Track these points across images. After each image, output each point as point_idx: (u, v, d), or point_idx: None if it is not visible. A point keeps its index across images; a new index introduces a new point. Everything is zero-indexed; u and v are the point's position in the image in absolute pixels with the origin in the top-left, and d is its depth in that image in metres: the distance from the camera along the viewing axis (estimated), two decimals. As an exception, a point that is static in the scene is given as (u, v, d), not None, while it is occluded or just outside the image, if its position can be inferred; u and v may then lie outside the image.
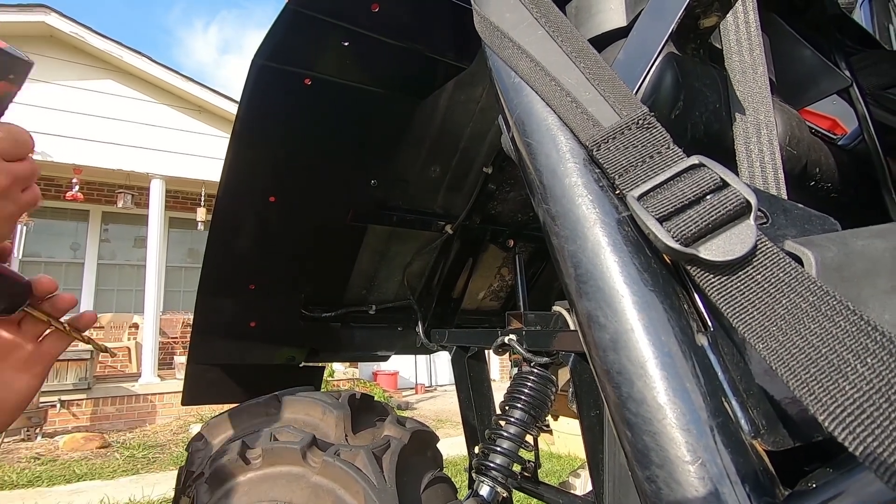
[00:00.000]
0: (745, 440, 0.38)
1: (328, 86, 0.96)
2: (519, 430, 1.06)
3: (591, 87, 0.47)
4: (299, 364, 1.38)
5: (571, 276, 0.45)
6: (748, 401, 0.40)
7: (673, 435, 0.37)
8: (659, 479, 0.37)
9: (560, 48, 0.49)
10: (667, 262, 0.43)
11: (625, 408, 0.40)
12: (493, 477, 1.03)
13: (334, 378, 7.81)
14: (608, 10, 0.66)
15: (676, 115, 0.62)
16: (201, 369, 1.24)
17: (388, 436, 1.07)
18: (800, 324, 0.33)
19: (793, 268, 0.36)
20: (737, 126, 0.61)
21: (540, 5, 0.51)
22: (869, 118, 0.87)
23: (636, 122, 0.44)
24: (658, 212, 0.40)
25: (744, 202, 0.39)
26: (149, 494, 3.93)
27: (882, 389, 0.29)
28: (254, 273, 1.14)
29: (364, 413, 1.13)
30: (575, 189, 0.46)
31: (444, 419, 6.94)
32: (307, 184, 1.09)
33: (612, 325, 0.41)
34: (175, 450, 5.32)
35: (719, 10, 0.61)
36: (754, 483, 0.36)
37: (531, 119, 0.50)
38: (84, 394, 6.05)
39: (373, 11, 0.87)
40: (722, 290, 0.37)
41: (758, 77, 0.62)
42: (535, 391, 1.07)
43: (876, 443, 0.28)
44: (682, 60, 0.63)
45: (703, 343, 0.41)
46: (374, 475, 0.94)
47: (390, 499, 0.93)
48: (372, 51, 0.94)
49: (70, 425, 5.87)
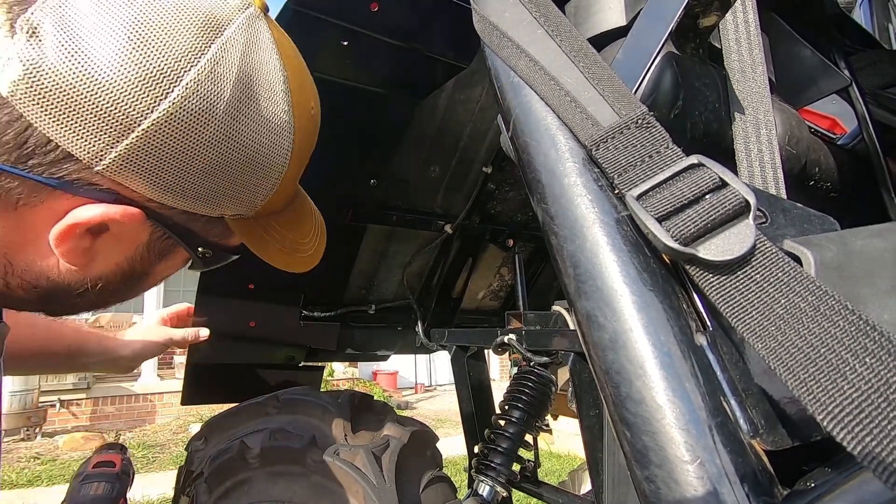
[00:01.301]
0: (744, 440, 0.38)
1: (327, 85, 0.96)
2: (518, 430, 1.06)
3: (590, 86, 0.47)
4: (299, 364, 1.37)
5: (570, 275, 0.45)
6: (747, 400, 0.40)
7: (672, 434, 0.37)
8: (658, 478, 0.37)
9: (559, 47, 0.49)
10: (666, 261, 0.43)
11: (624, 407, 0.40)
12: (492, 476, 1.03)
13: (334, 378, 7.81)
14: (607, 9, 0.66)
15: (676, 114, 0.62)
16: (201, 369, 1.24)
17: (388, 435, 1.07)
18: (799, 323, 0.33)
19: (792, 267, 0.36)
20: (736, 125, 0.61)
21: (539, 5, 0.51)
22: (868, 118, 0.87)
23: (635, 122, 0.44)
24: (657, 211, 0.40)
25: (743, 202, 0.39)
26: (148, 494, 3.94)
27: (881, 389, 0.29)
28: (254, 273, 1.14)
29: (364, 413, 1.13)
30: (574, 188, 0.46)
31: (443, 419, 6.95)
32: (306, 183, 1.09)
33: (611, 325, 0.41)
34: (175, 449, 5.32)
35: (719, 9, 0.61)
36: (753, 482, 0.36)
37: (530, 118, 0.50)
38: (84, 393, 6.05)
39: (372, 11, 0.87)
40: (721, 289, 0.37)
41: (757, 76, 0.62)
42: (535, 391, 1.07)
43: (874, 442, 0.28)
44: (682, 60, 0.63)
45: (702, 343, 0.41)
46: (374, 475, 0.94)
47: (390, 498, 0.93)
48: (371, 50, 0.94)
49: (70, 425, 5.87)
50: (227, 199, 0.49)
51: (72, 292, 0.49)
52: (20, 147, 0.40)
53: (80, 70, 0.39)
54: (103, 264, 0.49)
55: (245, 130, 0.47)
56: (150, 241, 0.50)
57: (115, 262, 0.50)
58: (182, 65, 0.42)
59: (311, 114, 0.55)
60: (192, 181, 0.46)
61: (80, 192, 0.43)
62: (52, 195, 0.43)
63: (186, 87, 0.42)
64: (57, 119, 0.40)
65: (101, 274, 0.49)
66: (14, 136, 0.40)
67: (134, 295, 0.57)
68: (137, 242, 0.49)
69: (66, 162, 0.41)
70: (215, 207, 0.49)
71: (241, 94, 0.46)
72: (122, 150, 0.42)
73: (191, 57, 0.43)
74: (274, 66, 0.49)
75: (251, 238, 0.55)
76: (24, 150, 0.40)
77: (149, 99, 0.41)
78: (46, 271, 0.47)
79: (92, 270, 0.48)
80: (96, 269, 0.49)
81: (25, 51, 0.38)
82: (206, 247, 0.53)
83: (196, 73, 0.43)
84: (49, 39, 0.39)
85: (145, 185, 0.44)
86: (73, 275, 0.48)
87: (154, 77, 0.41)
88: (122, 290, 0.53)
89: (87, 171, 0.42)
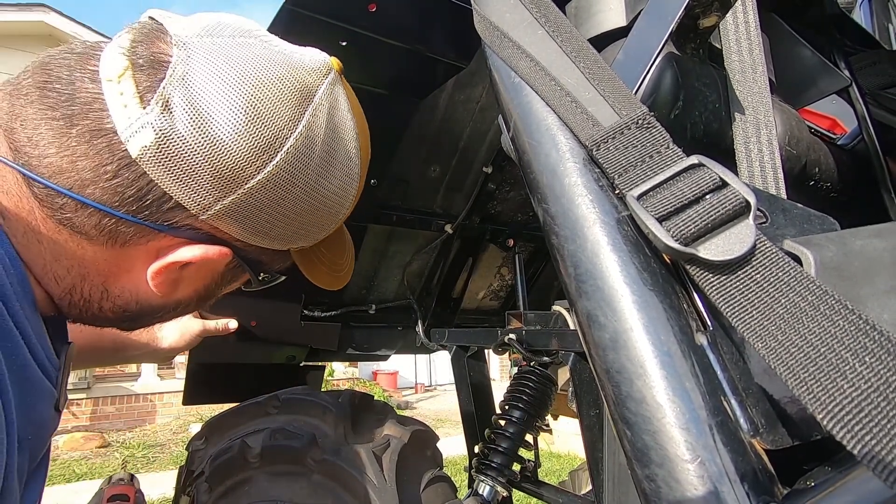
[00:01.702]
0: (745, 439, 0.38)
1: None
2: (519, 430, 1.07)
3: (590, 86, 0.47)
4: (299, 364, 1.38)
5: (571, 275, 0.45)
6: (747, 400, 0.40)
7: (672, 434, 0.37)
8: (658, 477, 0.38)
9: (560, 48, 0.49)
10: (666, 261, 0.44)
11: (624, 407, 0.40)
12: (492, 476, 1.04)
13: (334, 378, 7.81)
14: (608, 9, 0.66)
15: (676, 114, 0.62)
16: (201, 369, 1.25)
17: (388, 435, 1.07)
18: (799, 323, 0.34)
19: (792, 267, 0.36)
20: (736, 126, 0.61)
21: (540, 5, 0.51)
22: (868, 118, 0.87)
23: (636, 122, 0.44)
24: (657, 211, 0.40)
25: (743, 202, 0.39)
26: (149, 494, 3.93)
27: (880, 388, 0.29)
28: (254, 273, 1.14)
29: (364, 413, 1.13)
30: (574, 189, 0.46)
31: (443, 418, 6.95)
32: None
33: (611, 325, 0.42)
34: (175, 449, 5.32)
35: (719, 9, 0.61)
36: (753, 481, 0.36)
37: (531, 119, 0.50)
38: (84, 393, 6.05)
39: (370, 11, 0.87)
40: (721, 289, 0.38)
41: (757, 77, 0.62)
42: (535, 391, 1.07)
43: (874, 441, 0.28)
44: (682, 60, 0.63)
45: (703, 342, 0.41)
46: (375, 474, 0.94)
47: (390, 498, 0.93)
48: (370, 51, 0.94)
49: (70, 425, 5.86)
50: (302, 237, 0.56)
51: (154, 314, 0.56)
52: (140, 200, 0.45)
53: (205, 140, 0.45)
54: (185, 291, 0.55)
55: (328, 183, 0.53)
56: (226, 271, 0.56)
57: (194, 289, 0.56)
58: (286, 133, 0.48)
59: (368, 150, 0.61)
60: (278, 226, 0.52)
61: (181, 234, 0.49)
62: (156, 236, 0.48)
63: (287, 151, 0.48)
64: (178, 180, 0.45)
65: (182, 299, 0.56)
66: (136, 191, 0.45)
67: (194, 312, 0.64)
68: (215, 272, 0.55)
69: (177, 211, 0.47)
70: (290, 244, 0.56)
71: (327, 152, 0.52)
72: (228, 202, 0.47)
73: (292, 125, 0.48)
74: (350, 124, 0.55)
75: (305, 264, 0.61)
76: (143, 203, 0.46)
77: (259, 163, 0.47)
78: (136, 297, 0.52)
79: (175, 296, 0.54)
80: (179, 295, 0.55)
81: (158, 121, 0.43)
82: (266, 273, 0.59)
83: (295, 138, 0.49)
84: (179, 112, 0.44)
85: (238, 229, 0.50)
86: (158, 300, 0.53)
87: (264, 145, 0.47)
88: (191, 310, 0.60)
89: (192, 219, 0.48)
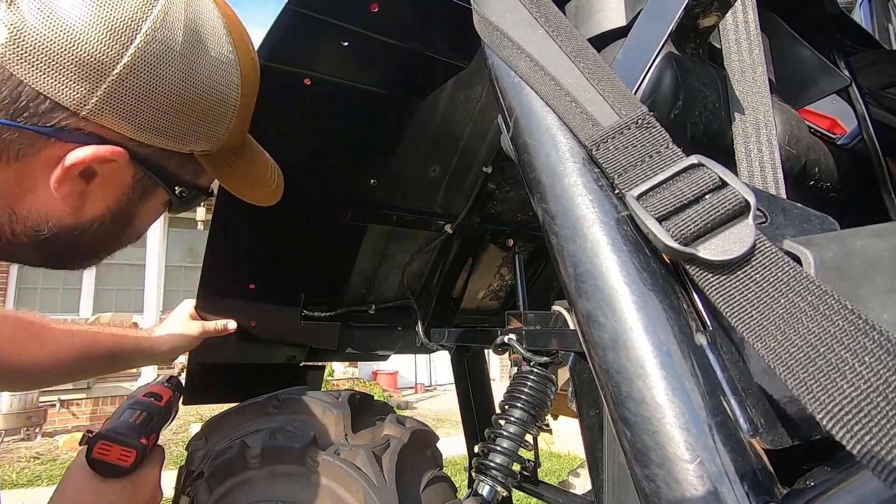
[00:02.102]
0: (744, 439, 0.38)
1: (328, 85, 0.96)
2: (519, 430, 1.06)
3: (590, 86, 0.47)
4: (299, 364, 1.38)
5: (571, 275, 0.45)
6: (747, 400, 0.40)
7: (672, 434, 0.37)
8: (658, 477, 0.38)
9: (560, 48, 0.49)
10: (666, 261, 0.44)
11: (624, 407, 0.40)
12: (492, 476, 1.03)
13: (334, 378, 7.81)
14: (607, 9, 0.66)
15: (676, 114, 0.62)
16: (202, 369, 1.24)
17: (388, 435, 1.07)
18: (798, 323, 0.34)
19: (791, 267, 0.36)
20: (736, 125, 0.61)
21: (539, 5, 0.51)
22: (868, 118, 0.87)
23: (635, 122, 0.44)
24: (657, 211, 0.40)
25: (743, 202, 0.39)
26: (149, 494, 3.93)
27: (880, 388, 0.29)
28: (254, 273, 1.14)
29: (364, 412, 1.13)
30: (574, 188, 0.46)
31: (443, 418, 6.95)
32: (306, 183, 1.09)
33: (611, 325, 0.42)
34: (175, 449, 5.32)
35: (718, 9, 0.61)
36: (753, 481, 0.36)
37: (530, 118, 0.50)
38: (84, 393, 6.05)
39: (372, 11, 0.87)
40: (721, 289, 0.38)
41: (757, 77, 0.62)
42: (535, 390, 1.07)
43: (874, 441, 0.28)
44: (682, 60, 0.63)
45: (702, 342, 0.41)
46: (374, 474, 0.94)
47: (390, 498, 0.93)
48: (371, 50, 0.94)
49: (70, 425, 5.87)
50: (194, 133, 0.57)
51: (70, 235, 0.56)
52: (14, 102, 0.47)
53: (57, 28, 0.46)
54: (96, 207, 0.57)
55: (200, 68, 0.55)
56: (134, 182, 0.57)
57: (105, 205, 0.57)
58: (140, 14, 0.50)
59: (249, 51, 0.62)
60: (163, 117, 0.53)
61: (71, 137, 0.50)
62: (47, 143, 0.50)
63: (146, 34, 0.50)
64: (43, 72, 0.46)
65: (95, 216, 0.57)
66: (8, 92, 0.46)
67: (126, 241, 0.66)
68: (123, 185, 0.57)
69: (55, 111, 0.48)
70: (185, 143, 0.58)
71: (191, 37, 0.54)
72: (102, 93, 0.49)
73: (146, 7, 0.50)
74: (214, 13, 0.58)
75: (219, 172, 0.64)
76: (18, 105, 0.47)
77: (118, 46, 0.49)
78: (46, 216, 0.54)
79: (86, 213, 0.56)
80: (90, 211, 0.56)
81: (7, 17, 0.45)
82: (181, 185, 0.61)
83: (151, 21, 0.50)
84: (25, 4, 0.45)
85: (124, 125, 0.52)
86: (70, 218, 0.55)
87: (119, 28, 0.49)
88: (115, 232, 0.61)
89: (74, 118, 0.49)
